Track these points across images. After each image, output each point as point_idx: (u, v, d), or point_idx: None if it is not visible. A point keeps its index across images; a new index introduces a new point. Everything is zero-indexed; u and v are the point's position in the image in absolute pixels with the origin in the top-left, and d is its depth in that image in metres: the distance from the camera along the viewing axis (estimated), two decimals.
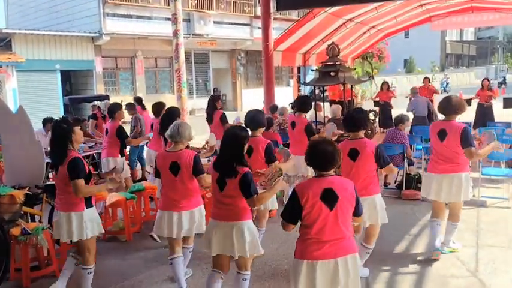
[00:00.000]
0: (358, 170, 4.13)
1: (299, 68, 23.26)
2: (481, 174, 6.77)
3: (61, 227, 3.95)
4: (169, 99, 15.51)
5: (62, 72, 17.51)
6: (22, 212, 4.88)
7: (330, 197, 2.91)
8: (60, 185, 3.96)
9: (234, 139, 3.54)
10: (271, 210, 5.10)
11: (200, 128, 10.15)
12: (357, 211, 3.05)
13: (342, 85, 8.46)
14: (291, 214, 3.02)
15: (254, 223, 3.81)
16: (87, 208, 3.96)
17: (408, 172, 7.26)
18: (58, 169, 3.91)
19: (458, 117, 4.78)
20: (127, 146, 7.30)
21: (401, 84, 28.72)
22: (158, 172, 4.14)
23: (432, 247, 4.81)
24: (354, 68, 18.69)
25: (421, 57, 43.72)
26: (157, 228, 4.18)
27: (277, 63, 11.38)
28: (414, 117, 11.00)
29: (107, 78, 19.13)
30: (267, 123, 5.76)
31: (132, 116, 8.25)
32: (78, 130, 4.03)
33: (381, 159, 4.12)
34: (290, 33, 11.20)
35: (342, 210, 2.94)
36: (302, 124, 6.24)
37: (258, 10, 18.96)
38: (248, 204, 3.51)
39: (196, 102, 21.08)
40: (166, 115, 5.62)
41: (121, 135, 6.65)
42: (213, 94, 17.50)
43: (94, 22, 17.57)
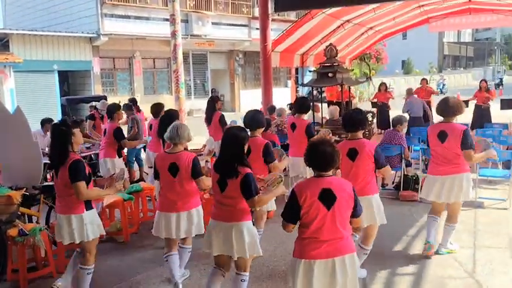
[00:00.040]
0: (357, 170, 4.15)
1: (297, 69, 23.31)
2: (478, 175, 6.80)
3: (62, 230, 3.94)
4: (167, 100, 15.49)
5: (60, 72, 17.47)
6: (19, 213, 4.87)
7: (328, 197, 2.93)
8: (60, 188, 3.95)
9: (234, 139, 3.55)
10: (269, 211, 5.10)
11: (198, 129, 10.14)
12: (356, 212, 3.06)
13: (340, 86, 8.48)
14: (290, 214, 3.04)
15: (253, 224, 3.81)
16: (87, 210, 3.95)
17: (406, 173, 7.26)
18: (58, 172, 3.90)
19: (456, 118, 4.82)
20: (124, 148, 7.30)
21: (399, 85, 28.76)
22: (157, 173, 4.15)
23: (426, 238, 4.87)
24: (352, 69, 18.61)
25: (419, 58, 43.91)
26: (156, 229, 4.19)
27: (275, 64, 11.38)
28: (410, 118, 11.01)
29: (105, 78, 19.09)
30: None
31: (129, 117, 8.23)
32: (78, 132, 4.04)
33: (380, 160, 4.16)
34: (288, 34, 11.22)
35: (340, 210, 2.95)
36: (303, 126, 6.24)
37: (256, 11, 18.95)
38: (248, 205, 3.51)
39: (194, 103, 21.09)
40: (165, 117, 5.63)
41: (118, 136, 6.65)
42: (213, 95, 17.50)
43: (92, 23, 17.55)
